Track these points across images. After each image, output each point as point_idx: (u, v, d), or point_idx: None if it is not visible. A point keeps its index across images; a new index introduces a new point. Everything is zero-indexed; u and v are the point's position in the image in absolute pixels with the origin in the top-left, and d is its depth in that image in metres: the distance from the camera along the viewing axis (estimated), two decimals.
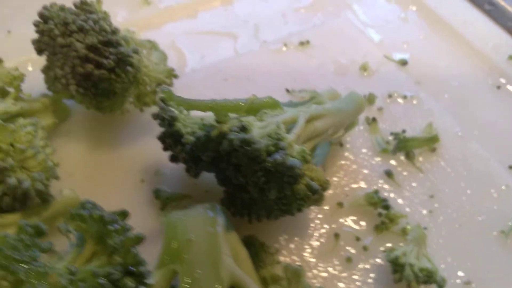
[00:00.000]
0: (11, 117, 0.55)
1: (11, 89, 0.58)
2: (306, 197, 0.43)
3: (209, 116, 0.51)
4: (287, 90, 0.59)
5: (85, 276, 0.42)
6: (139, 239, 0.44)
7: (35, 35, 0.57)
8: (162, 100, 0.52)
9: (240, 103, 0.46)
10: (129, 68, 0.55)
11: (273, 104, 0.47)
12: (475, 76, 0.75)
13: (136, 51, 0.56)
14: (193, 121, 0.51)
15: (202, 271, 0.41)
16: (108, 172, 0.59)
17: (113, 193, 0.57)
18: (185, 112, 0.53)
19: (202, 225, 0.44)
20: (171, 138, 0.51)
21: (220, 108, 0.46)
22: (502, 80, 0.74)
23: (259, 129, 0.42)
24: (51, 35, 0.56)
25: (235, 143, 0.41)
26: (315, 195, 0.43)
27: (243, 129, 0.41)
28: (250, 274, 0.43)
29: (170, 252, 0.43)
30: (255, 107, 0.47)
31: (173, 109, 0.52)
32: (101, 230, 0.44)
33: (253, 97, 0.47)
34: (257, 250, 0.48)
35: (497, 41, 0.79)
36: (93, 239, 0.45)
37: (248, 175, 0.44)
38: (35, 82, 0.63)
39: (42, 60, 0.62)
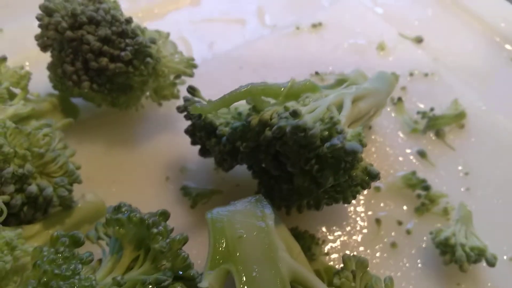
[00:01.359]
0: (22, 120, 0.51)
1: (17, 90, 0.53)
2: (365, 183, 0.40)
3: (242, 105, 0.48)
4: (317, 73, 0.56)
5: (133, 285, 0.38)
6: (185, 240, 0.41)
7: (30, 32, 0.53)
8: (189, 90, 0.49)
9: (279, 86, 0.43)
10: (148, 59, 0.51)
11: (313, 87, 0.44)
12: (489, 50, 0.74)
13: (153, 41, 0.52)
14: (224, 111, 0.48)
15: (260, 269, 0.38)
16: (129, 172, 0.56)
17: (137, 194, 0.54)
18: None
19: (251, 220, 0.41)
20: (202, 131, 0.48)
21: (259, 92, 0.42)
22: None
23: (308, 114, 0.39)
24: (59, 28, 0.51)
25: (287, 130, 0.38)
26: (374, 180, 0.40)
27: (295, 114, 0.38)
28: (307, 268, 0.41)
29: (220, 251, 0.40)
30: (294, 92, 0.44)
31: (200, 99, 0.49)
32: (143, 233, 0.41)
33: (292, 80, 0.44)
34: (307, 243, 0.45)
35: (506, 14, 0.78)
36: (131, 244, 0.42)
37: (297, 164, 0.41)
38: (36, 82, 0.59)
39: (41, 58, 0.58)
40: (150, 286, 0.38)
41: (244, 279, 0.38)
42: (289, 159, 0.42)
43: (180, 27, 0.72)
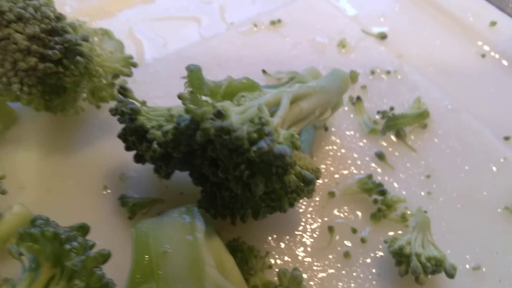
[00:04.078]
0: None
1: None
2: (299, 189, 0.37)
3: (176, 107, 0.44)
4: (264, 71, 0.52)
5: None
6: (104, 257, 0.37)
7: None
8: (120, 91, 0.45)
9: (218, 84, 0.40)
10: (79, 58, 0.47)
11: (251, 86, 0.41)
12: (458, 46, 0.70)
13: (85, 39, 0.48)
14: (157, 113, 0.45)
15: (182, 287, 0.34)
16: (65, 181, 0.52)
17: (72, 206, 0.50)
18: (147, 104, 0.47)
19: (179, 233, 0.37)
20: (134, 135, 0.44)
21: (197, 85, 0.39)
22: (486, 48, 0.70)
23: (237, 115, 0.36)
24: None
25: (211, 132, 0.34)
26: (309, 186, 0.37)
27: (219, 115, 0.34)
28: (240, 285, 0.37)
29: (142, 269, 0.36)
30: (231, 91, 0.40)
31: (133, 101, 0.45)
32: (57, 250, 0.37)
33: (229, 79, 0.40)
34: (245, 256, 0.41)
35: (477, 8, 0.75)
36: (48, 261, 0.38)
37: (229, 170, 0.38)
38: None
39: None
40: None
41: None
42: (222, 164, 0.39)
43: (132, 25, 0.68)
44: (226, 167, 0.38)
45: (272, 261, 0.47)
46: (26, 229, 0.38)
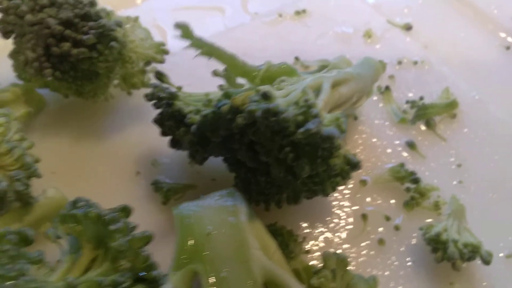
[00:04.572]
0: None
1: None
2: (344, 173, 0.36)
3: (213, 92, 0.44)
4: (296, 58, 0.52)
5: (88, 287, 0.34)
6: (147, 239, 0.37)
7: None
8: (157, 76, 0.45)
9: (255, 68, 0.39)
10: (113, 43, 0.47)
11: (290, 71, 0.41)
12: (482, 37, 0.70)
13: (119, 24, 0.48)
14: (195, 98, 0.45)
15: (229, 269, 0.34)
16: (97, 166, 0.52)
17: (104, 190, 0.50)
18: (183, 90, 0.46)
19: (222, 215, 0.37)
20: (171, 120, 0.44)
21: (239, 66, 0.39)
22: (510, 40, 0.70)
23: (282, 98, 0.36)
24: (18, 12, 0.48)
25: (257, 115, 0.34)
26: (354, 169, 0.36)
27: (266, 97, 0.34)
28: (283, 267, 0.37)
29: (186, 250, 0.36)
30: (270, 75, 0.40)
31: (169, 86, 0.45)
32: (101, 231, 0.37)
33: (268, 63, 0.40)
34: (285, 240, 0.41)
35: (500, 1, 0.75)
36: (90, 243, 0.38)
37: (271, 153, 0.37)
38: (1, 71, 0.55)
39: (6, 45, 0.54)
40: None
41: (212, 280, 0.34)
42: (263, 147, 0.38)
43: (156, 15, 0.68)
44: (268, 150, 0.38)
45: (307, 247, 0.46)
46: (68, 211, 0.38)
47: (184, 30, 0.38)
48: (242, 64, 0.39)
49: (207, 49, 0.39)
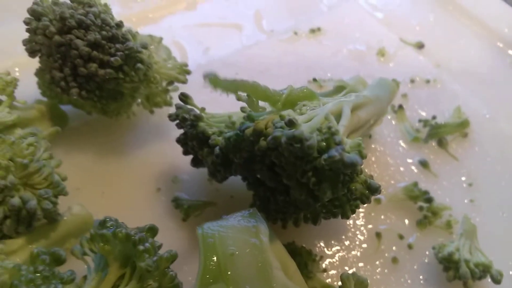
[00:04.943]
0: (7, 128, 0.48)
1: (2, 97, 0.51)
2: (364, 197, 0.38)
3: (236, 113, 0.46)
4: (314, 80, 0.54)
5: None
6: (173, 258, 0.39)
7: (18, 37, 0.51)
8: (181, 98, 0.47)
9: (278, 93, 0.41)
10: (139, 65, 0.49)
11: (311, 95, 0.42)
12: (493, 56, 0.72)
13: (145, 46, 0.50)
14: (218, 119, 0.46)
15: None
16: (119, 182, 0.53)
17: (127, 206, 0.51)
18: (205, 111, 0.48)
19: (245, 236, 0.39)
20: (194, 140, 0.45)
21: (261, 92, 0.40)
22: None
23: (304, 124, 0.37)
24: (47, 33, 0.49)
25: (282, 141, 0.36)
26: (374, 194, 0.38)
27: (291, 124, 0.36)
28: (303, 287, 0.38)
29: (211, 270, 0.37)
30: (292, 99, 0.42)
31: (193, 107, 0.47)
32: (129, 250, 0.38)
33: (290, 87, 0.41)
34: (304, 259, 0.43)
35: (510, 19, 0.76)
36: (117, 261, 0.39)
37: (293, 176, 0.39)
38: (25, 88, 0.57)
39: (30, 63, 0.55)
40: None
41: None
42: (285, 170, 0.40)
43: (174, 32, 0.70)
44: (290, 174, 0.39)
45: (324, 265, 0.48)
46: (97, 230, 0.39)
47: (213, 80, 0.40)
48: (265, 88, 0.41)
49: (233, 87, 0.41)
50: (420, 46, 0.70)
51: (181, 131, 0.48)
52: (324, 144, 0.36)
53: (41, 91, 0.56)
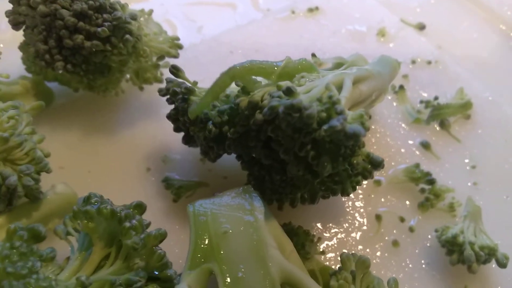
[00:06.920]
0: None
1: None
2: (366, 172, 0.36)
3: (231, 87, 0.43)
4: (313, 55, 0.51)
5: (101, 287, 0.33)
6: (162, 236, 0.36)
7: (1, 11, 0.48)
8: (172, 71, 0.44)
9: (272, 65, 0.39)
10: (128, 36, 0.46)
11: (310, 67, 0.40)
12: (495, 38, 0.69)
13: (134, 17, 0.47)
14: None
15: (246, 269, 0.33)
16: (106, 162, 0.51)
17: (114, 186, 0.49)
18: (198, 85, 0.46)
19: (238, 213, 0.36)
20: (186, 115, 0.43)
21: (244, 74, 0.38)
22: None
23: (304, 94, 0.35)
24: (31, 2, 0.46)
25: (279, 110, 0.33)
26: (377, 169, 0.36)
27: (289, 92, 0.33)
28: (301, 268, 0.36)
29: (202, 249, 0.35)
30: (289, 71, 0.39)
31: (184, 81, 0.44)
32: (114, 228, 0.36)
33: (287, 59, 0.39)
34: (301, 240, 0.40)
35: None
36: (102, 240, 0.37)
37: (290, 150, 0.37)
38: (10, 63, 0.54)
39: (16, 39, 0.53)
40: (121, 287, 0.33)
41: (228, 281, 0.33)
42: (282, 145, 0.38)
43: (166, 9, 0.67)
44: (287, 148, 0.37)
45: (322, 247, 0.46)
46: (81, 207, 0.37)
47: (193, 110, 0.39)
48: (248, 68, 0.38)
49: (214, 92, 0.39)
50: (421, 27, 0.68)
51: (172, 107, 0.45)
52: (325, 114, 0.34)
53: (25, 66, 0.53)
